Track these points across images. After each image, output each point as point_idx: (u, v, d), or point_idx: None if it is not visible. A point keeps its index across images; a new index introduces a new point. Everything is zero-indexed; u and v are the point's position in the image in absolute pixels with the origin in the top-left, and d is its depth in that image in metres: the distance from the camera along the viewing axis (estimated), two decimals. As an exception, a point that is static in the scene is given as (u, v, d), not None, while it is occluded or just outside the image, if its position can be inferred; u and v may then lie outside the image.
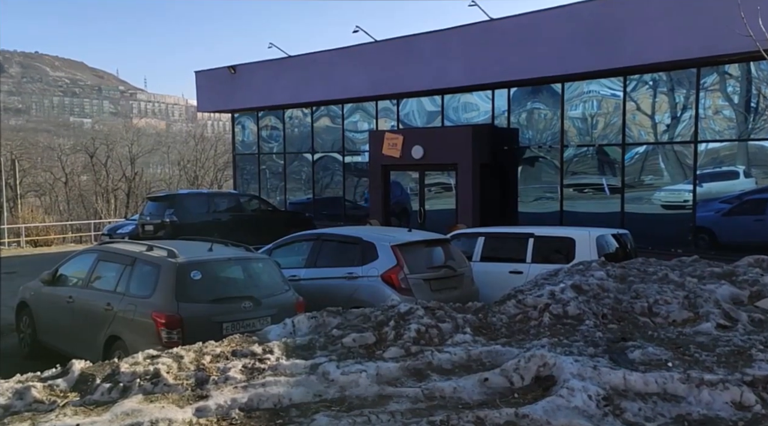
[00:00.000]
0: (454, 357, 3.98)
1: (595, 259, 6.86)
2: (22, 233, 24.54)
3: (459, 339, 4.32)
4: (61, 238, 25.90)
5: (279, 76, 19.64)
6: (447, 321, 4.59)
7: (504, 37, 14.24)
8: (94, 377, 3.62)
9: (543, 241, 8.58)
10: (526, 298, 4.93)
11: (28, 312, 7.62)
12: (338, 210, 19.78)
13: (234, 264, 7.08)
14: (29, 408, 3.26)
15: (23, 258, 18.87)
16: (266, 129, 21.82)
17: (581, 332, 4.29)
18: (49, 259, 16.48)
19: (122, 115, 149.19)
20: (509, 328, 4.60)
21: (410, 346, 4.21)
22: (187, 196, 17.07)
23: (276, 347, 4.24)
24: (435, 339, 4.34)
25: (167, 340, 5.86)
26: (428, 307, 4.82)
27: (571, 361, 3.54)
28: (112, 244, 7.67)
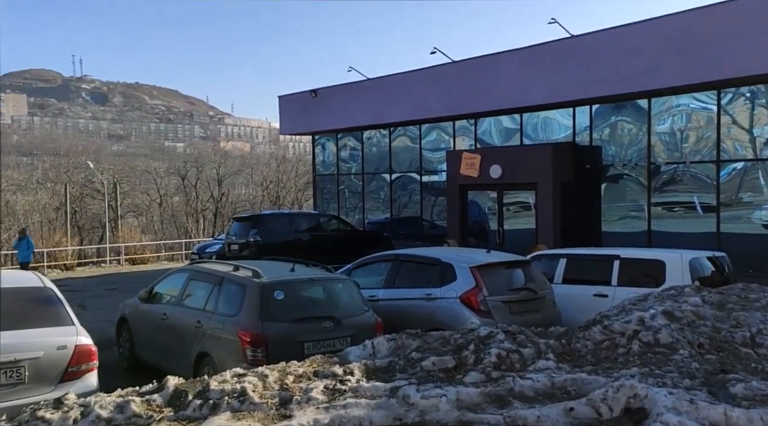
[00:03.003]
0: (536, 384, 3.86)
1: (689, 283, 6.49)
2: (122, 252, 26.22)
3: (542, 365, 4.19)
4: (156, 256, 27.45)
5: (358, 99, 20.07)
6: (529, 346, 4.48)
7: (586, 53, 13.91)
8: (187, 393, 3.78)
9: (630, 264, 8.20)
10: (612, 324, 4.72)
11: (127, 327, 8.11)
12: (416, 230, 19.81)
13: (315, 284, 7.24)
14: (128, 421, 3.45)
15: (122, 275, 20.13)
16: (345, 150, 22.29)
17: (675, 362, 4.05)
18: (145, 277, 17.51)
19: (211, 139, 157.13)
20: (595, 355, 4.42)
21: (491, 371, 4.13)
22: (270, 217, 17.66)
23: (356, 369, 4.28)
24: (516, 364, 4.24)
25: (252, 358, 6.05)
26: (509, 331, 4.71)
27: (665, 393, 3.35)
28: (202, 264, 8.04)
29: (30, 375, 4.78)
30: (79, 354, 5.08)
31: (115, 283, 17.34)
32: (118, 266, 24.71)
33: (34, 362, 4.81)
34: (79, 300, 13.66)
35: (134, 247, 26.85)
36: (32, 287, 5.64)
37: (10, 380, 4.69)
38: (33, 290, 5.59)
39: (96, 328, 9.46)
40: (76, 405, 3.53)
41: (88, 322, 10.16)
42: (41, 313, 5.34)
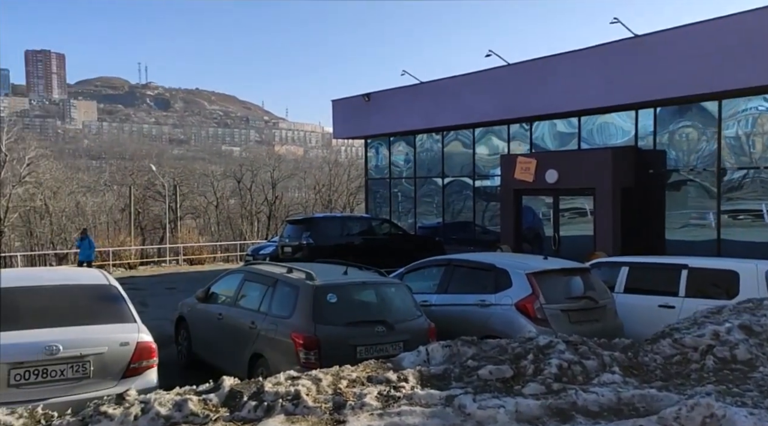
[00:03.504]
0: (601, 398, 3.68)
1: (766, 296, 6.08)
2: (181, 252, 27.04)
3: (606, 379, 3.99)
4: (212, 257, 28.16)
5: (411, 103, 20.02)
6: (592, 358, 4.28)
7: (650, 54, 13.40)
8: (242, 394, 3.79)
9: (699, 274, 7.78)
10: (683, 337, 4.46)
11: (185, 326, 8.29)
12: (468, 234, 19.57)
13: (368, 288, 7.18)
14: (186, 420, 3.49)
15: (181, 275, 20.72)
16: (398, 154, 22.27)
17: (755, 381, 3.77)
18: (202, 277, 17.96)
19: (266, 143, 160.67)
20: (665, 370, 4.18)
21: (551, 382, 3.96)
22: (323, 220, 17.79)
23: (411, 375, 4.20)
24: (579, 377, 4.05)
25: (305, 360, 6.05)
26: (570, 342, 4.53)
27: (745, 414, 3.12)
28: (257, 265, 8.13)
29: (95, 370, 4.92)
30: (141, 351, 5.19)
31: (174, 283, 17.85)
32: (177, 266, 25.47)
33: (98, 357, 4.94)
34: (140, 298, 14.11)
35: (192, 248, 27.63)
36: (98, 285, 5.82)
37: (76, 374, 4.83)
38: (98, 288, 5.77)
39: (156, 326, 9.72)
40: (137, 401, 3.59)
41: (149, 320, 10.45)
42: (106, 309, 5.49)
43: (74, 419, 3.43)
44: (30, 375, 4.67)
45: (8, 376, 4.60)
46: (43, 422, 3.48)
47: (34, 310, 5.19)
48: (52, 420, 3.50)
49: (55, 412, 3.74)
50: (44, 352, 4.71)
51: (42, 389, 4.70)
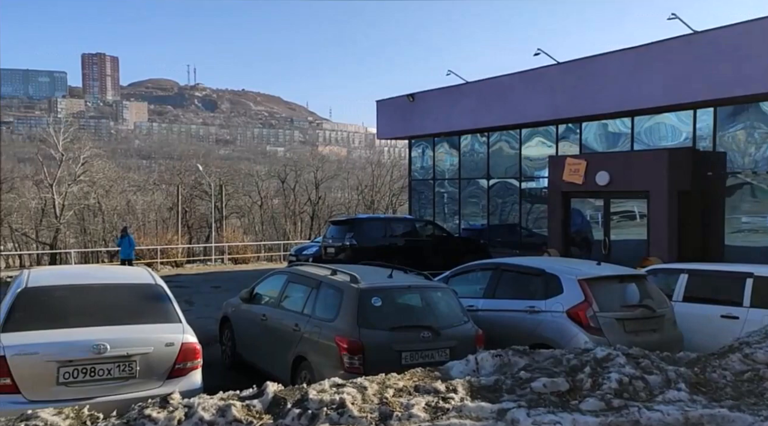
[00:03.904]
0: (667, 417, 3.42)
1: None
2: (226, 251, 27.46)
3: (672, 396, 3.73)
4: (256, 256, 28.51)
5: (456, 103, 19.77)
6: (655, 373, 4.01)
7: (710, 52, 12.80)
8: (286, 401, 3.69)
9: (765, 283, 7.32)
10: (755, 352, 4.14)
11: (229, 326, 8.31)
12: (514, 237, 19.18)
13: (413, 292, 7.01)
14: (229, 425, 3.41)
15: (226, 274, 21.00)
16: (442, 154, 22.03)
17: (838, 403, 3.46)
18: (246, 276, 18.14)
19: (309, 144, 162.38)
20: (736, 388, 3.88)
21: (611, 398, 3.72)
22: (366, 221, 17.72)
23: (460, 386, 4.02)
24: (641, 393, 3.79)
25: (349, 365, 5.93)
26: (630, 355, 4.26)
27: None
28: (300, 267, 8.07)
29: (140, 370, 4.92)
30: (185, 351, 5.17)
31: (219, 282, 18.08)
32: (222, 265, 25.87)
33: (144, 357, 4.95)
34: (186, 296, 14.33)
35: (237, 247, 28.03)
36: (144, 284, 5.85)
37: (122, 374, 4.85)
38: (145, 287, 5.80)
39: (200, 325, 9.82)
40: (180, 405, 3.53)
41: (194, 319, 10.61)
42: (151, 309, 5.51)
43: (119, 422, 3.39)
44: (78, 373, 4.70)
45: (57, 374, 4.64)
46: (89, 423, 3.46)
47: (82, 308, 5.23)
48: (98, 421, 3.47)
49: (100, 413, 3.72)
50: (92, 351, 4.73)
51: (89, 388, 4.72)
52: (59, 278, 5.85)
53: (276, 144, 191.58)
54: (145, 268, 6.86)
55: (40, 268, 6.90)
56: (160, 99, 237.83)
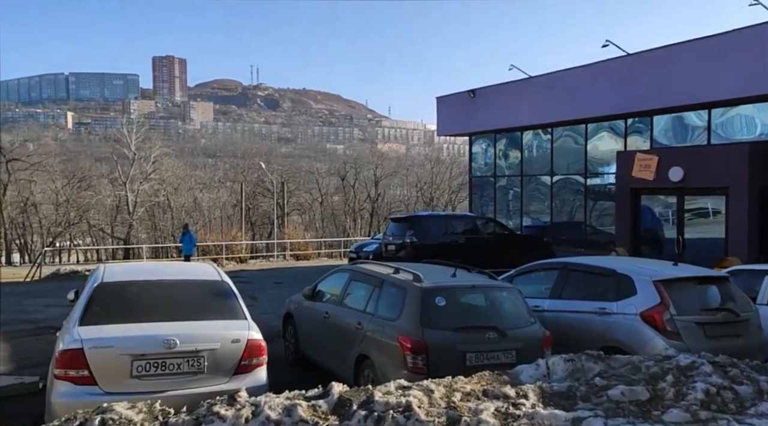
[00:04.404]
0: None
1: None
2: (287, 247, 27.96)
3: (765, 409, 3.44)
4: (317, 253, 28.88)
5: (518, 98, 19.33)
6: (745, 383, 3.72)
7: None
8: (351, 402, 3.64)
9: None
10: None
11: (292, 323, 8.38)
12: (578, 235, 18.60)
13: (477, 291, 6.84)
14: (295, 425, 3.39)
15: (288, 270, 21.35)
16: (503, 151, 21.62)
17: None
18: (307, 272, 18.37)
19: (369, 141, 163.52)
20: (838, 403, 3.55)
21: (697, 410, 3.47)
22: (427, 218, 17.54)
23: (530, 391, 3.86)
24: (731, 405, 3.53)
25: (412, 365, 5.84)
26: (717, 363, 3.97)
27: None
28: (363, 265, 8.03)
29: (208, 365, 5.00)
30: (251, 348, 5.22)
31: (281, 278, 18.38)
32: (284, 261, 26.34)
33: (212, 353, 5.02)
34: (250, 292, 14.62)
35: (298, 244, 28.47)
36: (210, 280, 5.95)
37: (191, 369, 4.94)
38: (211, 283, 5.89)
39: (264, 321, 9.98)
40: (247, 403, 3.54)
41: (258, 314, 10.79)
42: (218, 306, 5.59)
43: (189, 418, 3.43)
44: (150, 367, 4.82)
45: (131, 367, 4.77)
46: (161, 418, 3.52)
47: (153, 303, 5.37)
48: (169, 416, 3.53)
49: (171, 407, 3.78)
50: (163, 346, 4.84)
51: (160, 381, 4.83)
52: (132, 274, 6.03)
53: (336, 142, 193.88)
54: (211, 264, 6.99)
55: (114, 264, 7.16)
56: (225, 99, 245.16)
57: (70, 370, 4.64)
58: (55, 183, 44.07)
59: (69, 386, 4.63)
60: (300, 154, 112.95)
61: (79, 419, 3.36)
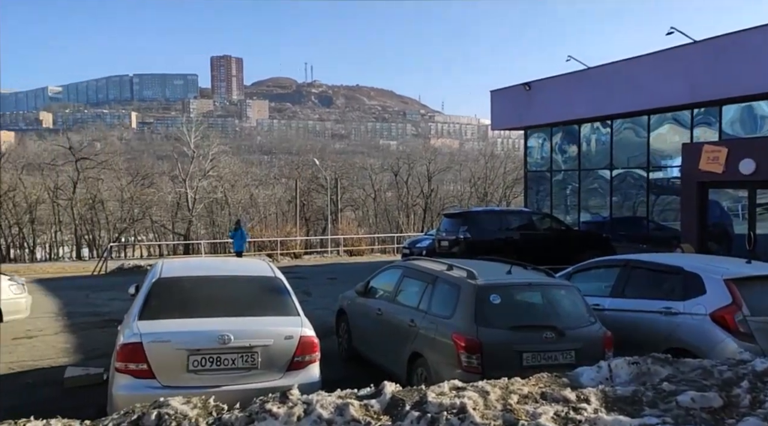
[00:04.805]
0: None
1: None
2: (341, 243, 28.17)
3: None
4: (370, 249, 28.98)
5: (576, 90, 18.76)
6: (831, 393, 3.42)
7: None
8: (404, 403, 3.56)
9: None
10: None
11: (345, 319, 8.39)
12: (640, 231, 17.92)
13: (534, 289, 6.64)
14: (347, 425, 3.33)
15: (341, 265, 21.50)
16: (560, 144, 21.06)
17: None
18: (360, 268, 18.44)
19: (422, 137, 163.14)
20: None
21: (777, 421, 3.21)
22: (481, 214, 17.29)
23: (592, 395, 3.67)
24: (815, 417, 3.24)
25: (467, 364, 5.71)
26: (798, 370, 3.67)
27: None
28: (415, 261, 7.95)
29: (262, 361, 5.03)
30: (304, 345, 5.22)
31: (335, 273, 18.50)
32: (338, 257, 26.55)
33: (265, 349, 5.05)
34: (304, 287, 14.78)
35: (351, 239, 28.64)
36: (264, 277, 5.99)
37: (245, 364, 4.98)
38: (265, 279, 5.94)
39: (318, 316, 10.06)
40: (300, 401, 3.51)
41: (312, 309, 10.90)
42: (271, 302, 5.63)
43: (242, 414, 3.43)
44: (206, 362, 4.88)
45: (187, 361, 4.85)
46: (214, 414, 3.54)
47: (208, 299, 5.45)
48: (222, 413, 3.54)
49: (225, 402, 3.80)
50: (218, 341, 4.90)
51: (215, 376, 4.89)
52: (188, 269, 6.15)
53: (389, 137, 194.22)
54: (265, 260, 7.07)
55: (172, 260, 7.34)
56: (280, 97, 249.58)
57: (130, 364, 4.76)
58: (120, 181, 45.92)
59: (129, 379, 4.75)
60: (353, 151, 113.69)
61: (137, 413, 3.41)
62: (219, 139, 58.53)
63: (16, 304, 9.19)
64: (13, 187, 41.75)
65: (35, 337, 9.31)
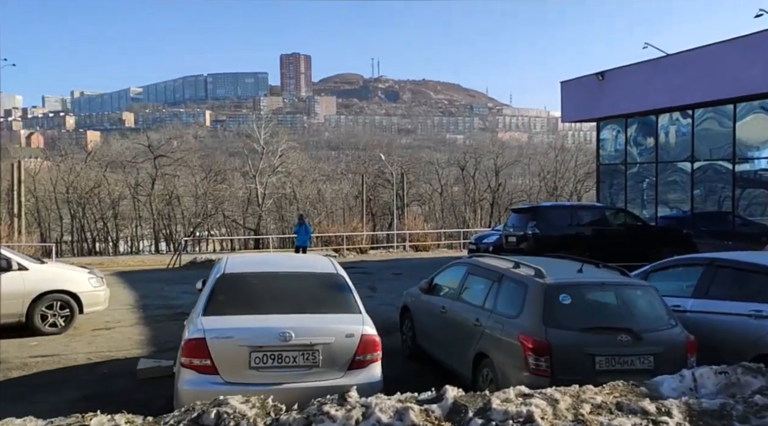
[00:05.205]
0: None
1: None
2: (407, 238, 28.08)
3: None
4: (436, 244, 28.74)
5: (653, 78, 17.82)
6: None
7: None
8: (467, 409, 3.40)
9: None
10: None
11: (409, 316, 8.26)
12: (724, 227, 16.85)
13: (608, 289, 6.27)
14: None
15: (407, 261, 21.40)
16: (635, 136, 20.10)
17: None
18: (426, 264, 18.25)
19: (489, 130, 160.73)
20: None
21: None
22: (550, 209, 16.74)
23: (675, 408, 3.38)
24: None
25: (535, 367, 5.46)
26: None
27: None
28: (480, 259, 7.72)
29: (323, 359, 4.98)
30: (365, 344, 5.13)
31: (401, 268, 18.42)
32: (403, 252, 26.47)
33: (326, 347, 5.00)
34: (370, 283, 14.79)
35: (417, 234, 28.49)
36: (326, 273, 5.94)
37: (306, 362, 4.95)
38: (327, 276, 5.89)
39: (382, 312, 10.02)
40: (358, 404, 3.42)
41: (377, 305, 10.87)
42: (333, 299, 5.57)
43: (299, 416, 3.37)
44: (267, 359, 4.88)
45: (249, 358, 4.86)
46: (272, 414, 3.50)
47: (270, 295, 5.45)
48: (280, 414, 3.50)
49: (284, 402, 3.76)
50: (279, 338, 4.88)
51: (277, 374, 4.87)
52: (251, 265, 6.19)
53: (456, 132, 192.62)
54: (327, 256, 7.05)
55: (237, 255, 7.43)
56: (347, 92, 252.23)
57: (194, 359, 4.81)
58: (194, 177, 47.74)
59: (193, 374, 4.81)
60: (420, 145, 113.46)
61: (197, 411, 3.42)
62: (287, 135, 59.82)
63: (96, 297, 9.63)
64: (98, 184, 44.28)
65: (113, 329, 9.73)
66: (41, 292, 9.10)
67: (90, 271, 10.13)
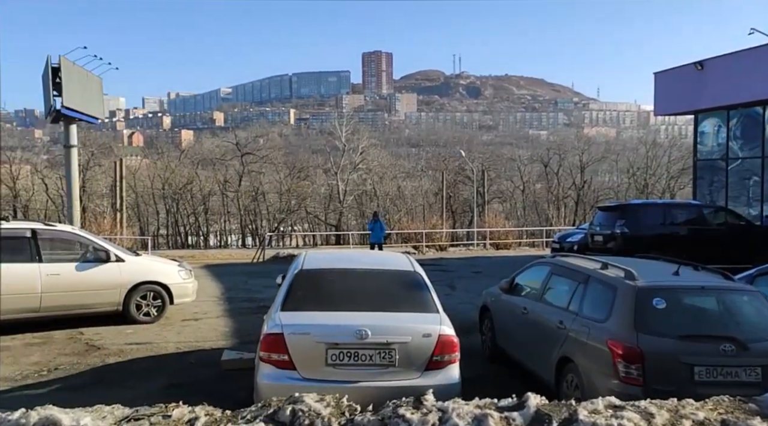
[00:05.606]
0: None
1: None
2: (487, 236, 27.57)
3: None
4: (517, 242, 28.03)
5: (760, 67, 16.44)
6: None
7: None
8: (551, 419, 3.18)
9: None
10: None
11: (489, 316, 8.02)
12: (841, 228, 15.27)
13: (708, 294, 5.77)
14: (487, 439, 3.04)
15: (487, 259, 20.99)
16: (738, 130, 18.64)
17: None
18: (507, 262, 17.82)
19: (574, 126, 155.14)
20: None
21: None
22: (640, 207, 15.82)
23: (790, 431, 3.00)
24: None
25: (625, 375, 5.11)
26: None
27: None
28: (565, 258, 7.36)
29: (399, 358, 4.88)
30: (443, 344, 4.98)
31: (480, 266, 18.07)
32: (483, 249, 26.00)
33: (403, 346, 4.89)
34: (449, 280, 14.58)
35: (498, 232, 27.91)
36: (403, 271, 5.83)
37: (383, 361, 4.86)
38: (404, 274, 5.78)
39: (461, 311, 9.82)
40: (434, 408, 3.29)
41: (455, 304, 10.68)
42: (410, 298, 5.45)
43: (374, 417, 3.29)
44: (344, 356, 4.84)
45: (326, 355, 4.83)
46: (347, 414, 3.43)
47: (347, 292, 5.40)
48: (355, 414, 3.43)
49: (359, 402, 3.69)
50: (355, 336, 4.82)
51: (353, 372, 4.82)
52: (329, 262, 6.18)
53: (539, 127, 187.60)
54: (405, 253, 6.94)
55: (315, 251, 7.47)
56: (428, 89, 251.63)
57: (272, 354, 4.85)
58: (279, 174, 49.21)
59: (272, 369, 4.84)
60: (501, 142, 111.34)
61: (273, 407, 3.41)
62: (368, 132, 60.38)
63: (184, 288, 10.05)
64: (190, 180, 46.63)
65: (200, 320, 10.11)
66: (136, 282, 9.58)
67: (179, 263, 10.57)
